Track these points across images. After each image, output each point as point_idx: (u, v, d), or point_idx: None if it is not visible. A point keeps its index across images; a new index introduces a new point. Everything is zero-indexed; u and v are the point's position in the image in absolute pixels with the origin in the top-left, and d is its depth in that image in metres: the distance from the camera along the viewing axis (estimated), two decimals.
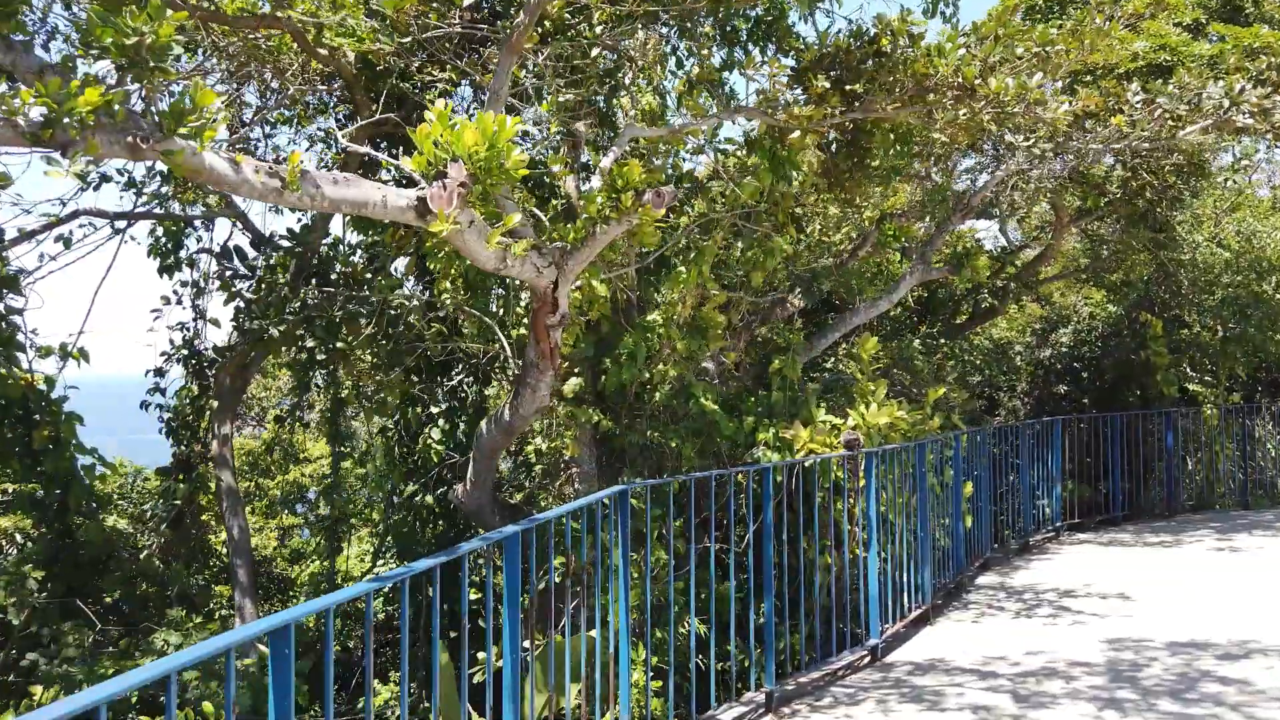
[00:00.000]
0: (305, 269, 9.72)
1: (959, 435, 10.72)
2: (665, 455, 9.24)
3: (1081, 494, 14.50)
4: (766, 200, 9.33)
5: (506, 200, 7.00)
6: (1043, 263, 15.24)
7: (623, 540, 6.32)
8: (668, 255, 9.73)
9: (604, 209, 6.69)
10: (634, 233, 7.07)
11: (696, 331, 9.10)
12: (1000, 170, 12.29)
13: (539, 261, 6.92)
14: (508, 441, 8.71)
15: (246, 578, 9.41)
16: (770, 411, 9.66)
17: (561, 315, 7.52)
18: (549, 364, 7.89)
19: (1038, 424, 13.63)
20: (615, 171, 6.64)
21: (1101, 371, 16.77)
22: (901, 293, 12.13)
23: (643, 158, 9.38)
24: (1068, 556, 12.32)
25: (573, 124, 9.31)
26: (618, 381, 8.83)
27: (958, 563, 10.76)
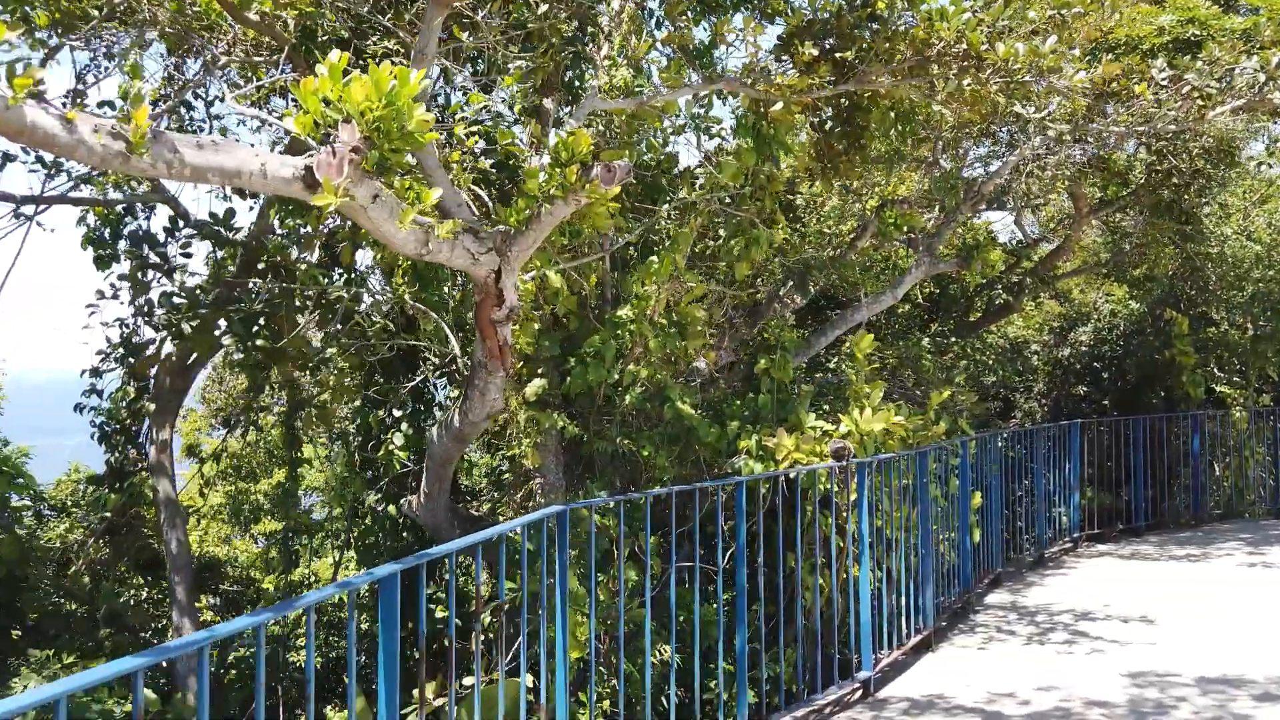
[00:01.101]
0: (254, 260, 8.82)
1: (966, 441, 9.71)
2: (639, 465, 8.29)
3: (1101, 502, 13.44)
4: (751, 184, 8.35)
5: (438, 173, 6.05)
6: (1060, 256, 14.18)
7: (560, 570, 5.36)
8: (649, 245, 8.78)
9: (547, 186, 5.73)
10: (584, 215, 6.11)
11: (673, 328, 8.13)
12: (1014, 156, 11.26)
13: (475, 247, 5.98)
14: (459, 449, 7.77)
15: (185, 595, 8.52)
16: (757, 417, 8.69)
17: (509, 309, 6.58)
18: (498, 364, 6.94)
19: (1054, 427, 12.59)
20: (560, 143, 5.69)
21: (1123, 372, 15.68)
22: (907, 287, 11.14)
23: (618, 138, 8.43)
24: (1086, 571, 11.28)
25: (540, 99, 8.36)
26: (583, 383, 7.88)
27: (964, 580, 9.75)
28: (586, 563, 8.12)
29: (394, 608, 3.78)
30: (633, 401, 7.93)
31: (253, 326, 7.86)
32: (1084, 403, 16.05)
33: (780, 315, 11.86)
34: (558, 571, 5.32)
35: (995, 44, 7.32)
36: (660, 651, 7.76)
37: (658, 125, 8.41)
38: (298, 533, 10.54)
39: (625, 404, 7.97)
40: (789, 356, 9.27)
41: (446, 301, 8.04)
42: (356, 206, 4.82)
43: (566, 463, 8.56)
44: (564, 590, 5.28)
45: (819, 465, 7.52)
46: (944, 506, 9.19)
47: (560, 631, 5.29)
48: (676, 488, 6.44)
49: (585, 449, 8.16)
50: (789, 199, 10.87)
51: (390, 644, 3.75)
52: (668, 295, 7.96)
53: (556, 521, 5.35)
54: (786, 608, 8.22)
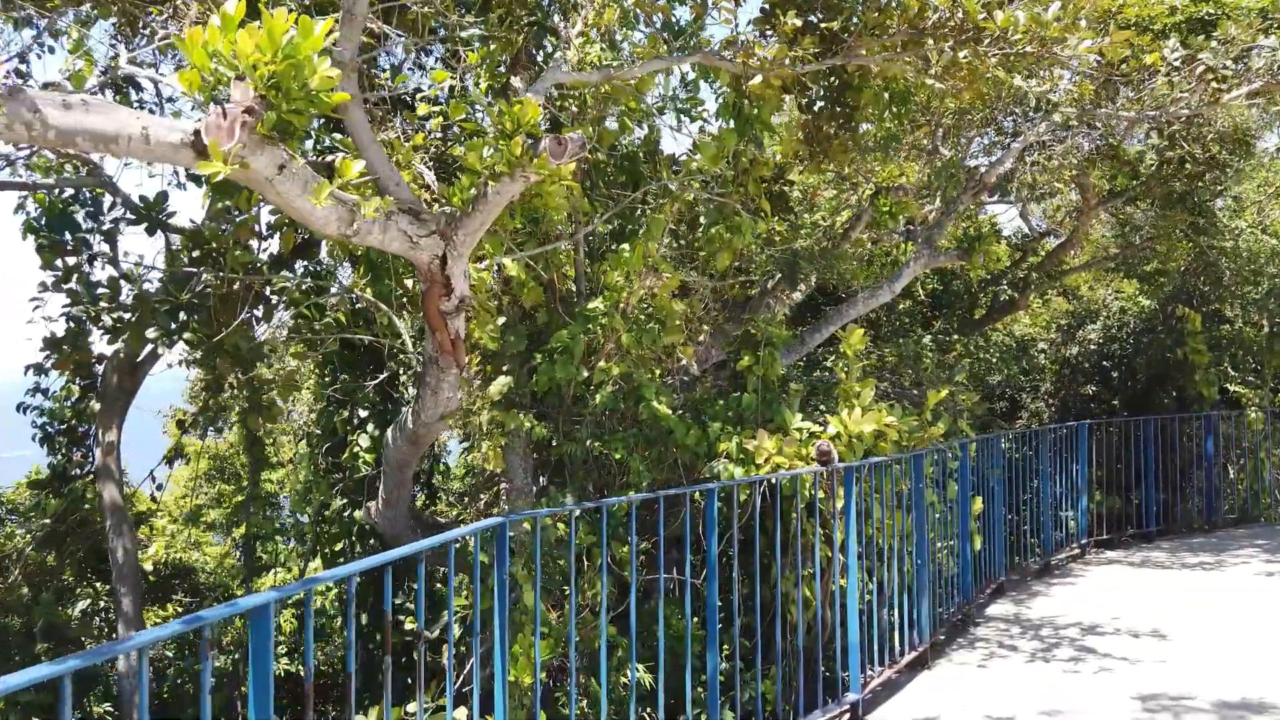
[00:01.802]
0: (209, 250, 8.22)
1: (966, 443, 9.07)
2: (613, 469, 7.67)
3: (1111, 506, 12.75)
4: (734, 168, 7.72)
5: (371, 148, 5.45)
6: (1067, 251, 13.50)
7: (499, 588, 4.74)
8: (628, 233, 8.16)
9: (492, 162, 5.12)
10: (536, 195, 5.50)
11: (649, 322, 7.51)
12: (1018, 142, 10.60)
13: (414, 230, 5.37)
14: (416, 453, 7.16)
15: (132, 606, 7.94)
16: (741, 418, 8.06)
17: (460, 299, 5.97)
18: (451, 359, 6.33)
19: (1061, 428, 11.92)
20: (505, 112, 5.08)
21: (1133, 371, 14.99)
22: (905, 281, 10.48)
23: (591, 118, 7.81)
24: (1094, 579, 10.61)
25: (508, 77, 7.76)
26: (549, 381, 7.26)
27: (964, 591, 9.10)
28: (557, 576, 7.53)
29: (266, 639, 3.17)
30: (604, 401, 7.31)
31: (177, 319, 7.27)
32: (1093, 403, 15.36)
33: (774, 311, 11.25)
34: (495, 589, 4.70)
35: (994, 13, 6.67)
36: (633, 671, 7.14)
37: (633, 105, 7.78)
38: (261, 539, 9.97)
39: (596, 404, 7.34)
40: (777, 354, 8.64)
41: (407, 293, 7.42)
42: (258, 178, 4.21)
43: (536, 466, 7.95)
44: (503, 613, 4.65)
45: (802, 470, 6.88)
46: (942, 513, 8.56)
47: (499, 659, 4.67)
48: (639, 495, 5.84)
49: (554, 452, 7.54)
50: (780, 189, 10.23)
51: (261, 686, 3.14)
52: (643, 287, 7.34)
53: (495, 535, 4.73)
54: (771, 623, 7.60)
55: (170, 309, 7.21)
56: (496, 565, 4.69)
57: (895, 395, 10.58)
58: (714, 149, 7.28)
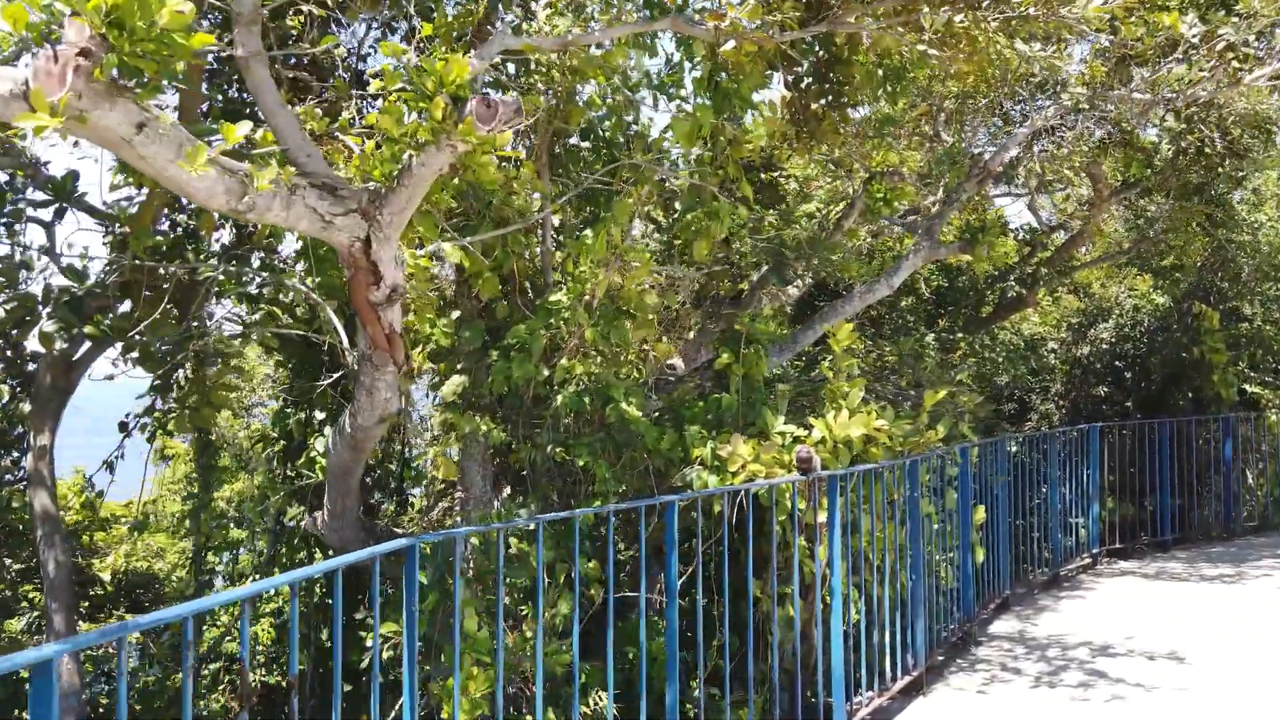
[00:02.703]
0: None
1: (967, 448, 8.33)
2: (579, 476, 6.97)
3: (1124, 513, 11.99)
4: (711, 148, 7.01)
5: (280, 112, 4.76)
6: (1078, 245, 12.74)
7: (408, 622, 4.04)
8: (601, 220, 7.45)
9: (410, 129, 4.42)
10: (465, 167, 4.80)
11: (617, 316, 6.81)
12: (1025, 127, 9.86)
13: (327, 207, 4.67)
14: (357, 459, 6.47)
15: (64, 624, 7.27)
16: (720, 420, 7.35)
17: (391, 289, 5.28)
18: (387, 356, 5.64)
19: (1071, 431, 11.15)
20: (427, 70, 4.38)
21: (1148, 371, 14.19)
22: (903, 275, 9.73)
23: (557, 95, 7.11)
24: (1106, 593, 9.85)
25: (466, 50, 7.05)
26: (505, 381, 6.56)
27: (966, 607, 8.36)
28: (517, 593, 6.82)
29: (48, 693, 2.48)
30: (566, 402, 6.60)
31: (80, 310, 6.59)
32: (1105, 404, 14.57)
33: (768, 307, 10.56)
34: (405, 624, 3.99)
35: None
36: (596, 699, 6.44)
37: (602, 80, 7.07)
38: (214, 550, 9.32)
39: (558, 405, 6.64)
40: (762, 351, 7.93)
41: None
42: (111, 137, 3.52)
43: (496, 474, 7.25)
44: (411, 648, 3.95)
45: (780, 479, 6.16)
46: (940, 524, 7.83)
47: (406, 701, 3.97)
48: (582, 510, 5.14)
49: (513, 458, 6.85)
50: (772, 178, 9.51)
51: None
52: (610, 278, 6.63)
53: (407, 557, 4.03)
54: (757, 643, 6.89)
55: (71, 301, 6.54)
56: (405, 597, 3.99)
57: (894, 397, 9.84)
58: (688, 127, 6.57)
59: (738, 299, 9.84)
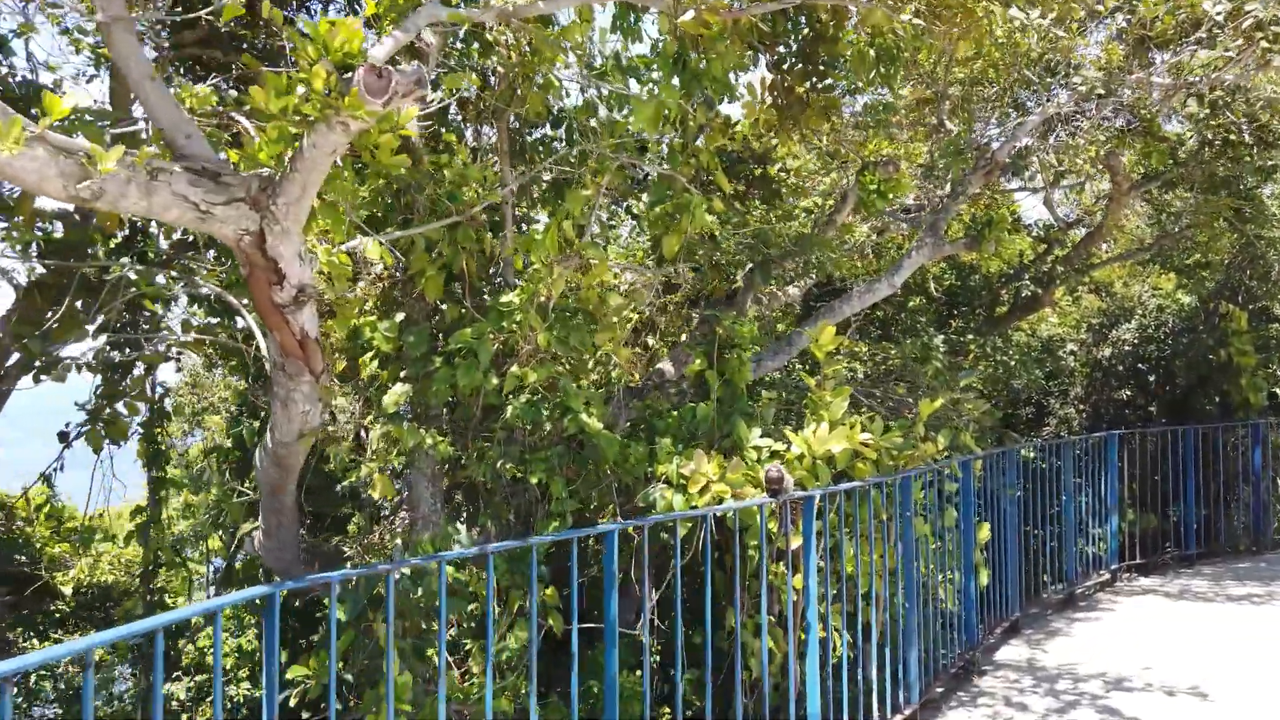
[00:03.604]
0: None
1: (969, 461, 7.60)
2: (537, 494, 6.31)
3: (1145, 525, 11.19)
4: (681, 134, 6.33)
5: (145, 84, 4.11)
6: (1096, 241, 11.93)
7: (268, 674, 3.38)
8: None
9: (286, 103, 3.77)
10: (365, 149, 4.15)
11: (576, 318, 6.14)
12: (1035, 114, 9.11)
13: (205, 195, 4.03)
14: (285, 476, 5.82)
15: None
16: (696, 432, 6.67)
17: (298, 289, 4.63)
18: (301, 364, 4.99)
19: (1087, 439, 10.37)
20: (312, 34, 3.73)
21: (1172, 375, 13.36)
22: (905, 274, 9.01)
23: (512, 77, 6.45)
24: (1124, 614, 9.08)
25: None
26: (450, 389, 5.90)
27: (969, 633, 7.64)
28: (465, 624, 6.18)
29: None
30: (517, 414, 5.93)
31: None
32: (1127, 409, 13.77)
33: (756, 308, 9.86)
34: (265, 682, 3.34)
35: None
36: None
37: (560, 61, 6.40)
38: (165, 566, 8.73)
39: (508, 417, 5.98)
40: (745, 356, 7.25)
41: None
42: None
43: (449, 491, 6.60)
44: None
45: (749, 501, 5.47)
46: (935, 545, 7.11)
47: None
48: (526, 540, 4.48)
49: (461, 474, 6.19)
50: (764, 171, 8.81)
51: None
52: (562, 275, 5.95)
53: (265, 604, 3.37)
54: (725, 681, 6.21)
55: None
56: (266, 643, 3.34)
57: (895, 405, 9.11)
58: (652, 109, 5.88)
59: (732, 299, 9.17)
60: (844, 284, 10.55)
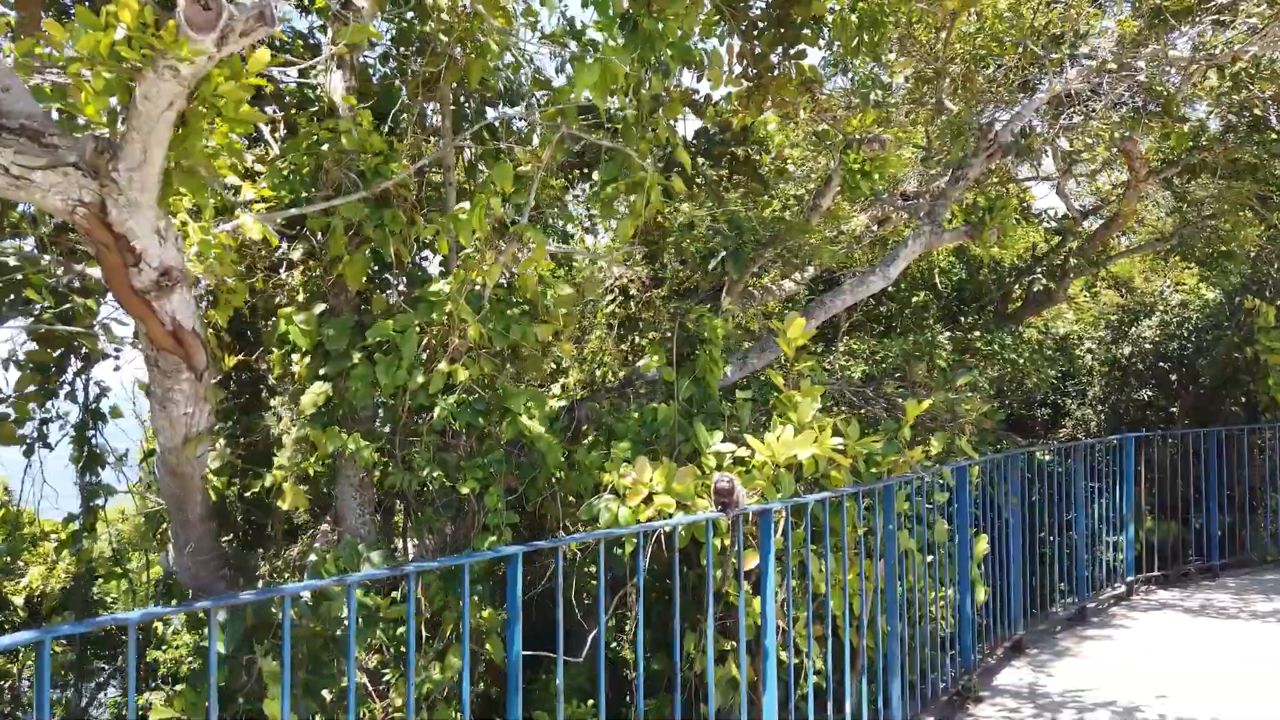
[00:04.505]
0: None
1: (964, 467, 6.86)
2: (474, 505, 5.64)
3: (1164, 533, 10.38)
4: (634, 103, 5.63)
5: None
6: (1113, 231, 11.13)
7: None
8: None
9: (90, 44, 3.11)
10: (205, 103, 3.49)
11: (514, 309, 5.46)
12: (1043, 91, 8.35)
13: (15, 158, 3.38)
14: (185, 487, 5.19)
15: None
16: (655, 437, 5.97)
17: (160, 272, 3.98)
18: (178, 359, 4.35)
19: (1101, 442, 9.58)
20: None
21: (1195, 374, 12.53)
22: (902, 265, 8.29)
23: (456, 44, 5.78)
24: (1139, 631, 8.29)
25: None
26: (368, 388, 5.24)
27: (964, 655, 6.91)
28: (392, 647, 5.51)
29: None
30: (444, 414, 5.26)
31: None
32: (1148, 410, 12.96)
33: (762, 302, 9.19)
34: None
35: None
36: None
37: (504, 23, 5.72)
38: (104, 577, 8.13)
39: (435, 419, 5.31)
40: (717, 354, 6.55)
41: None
42: None
43: (386, 502, 5.93)
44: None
45: (698, 515, 4.77)
46: (930, 559, 6.38)
47: None
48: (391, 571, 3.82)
49: (386, 482, 5.52)
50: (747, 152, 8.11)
51: None
52: (495, 260, 5.27)
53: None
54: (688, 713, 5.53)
55: None
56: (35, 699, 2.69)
57: (890, 408, 8.37)
58: (597, 74, 5.18)
59: (719, 293, 8.48)
60: (840, 276, 9.85)
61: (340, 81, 5.78)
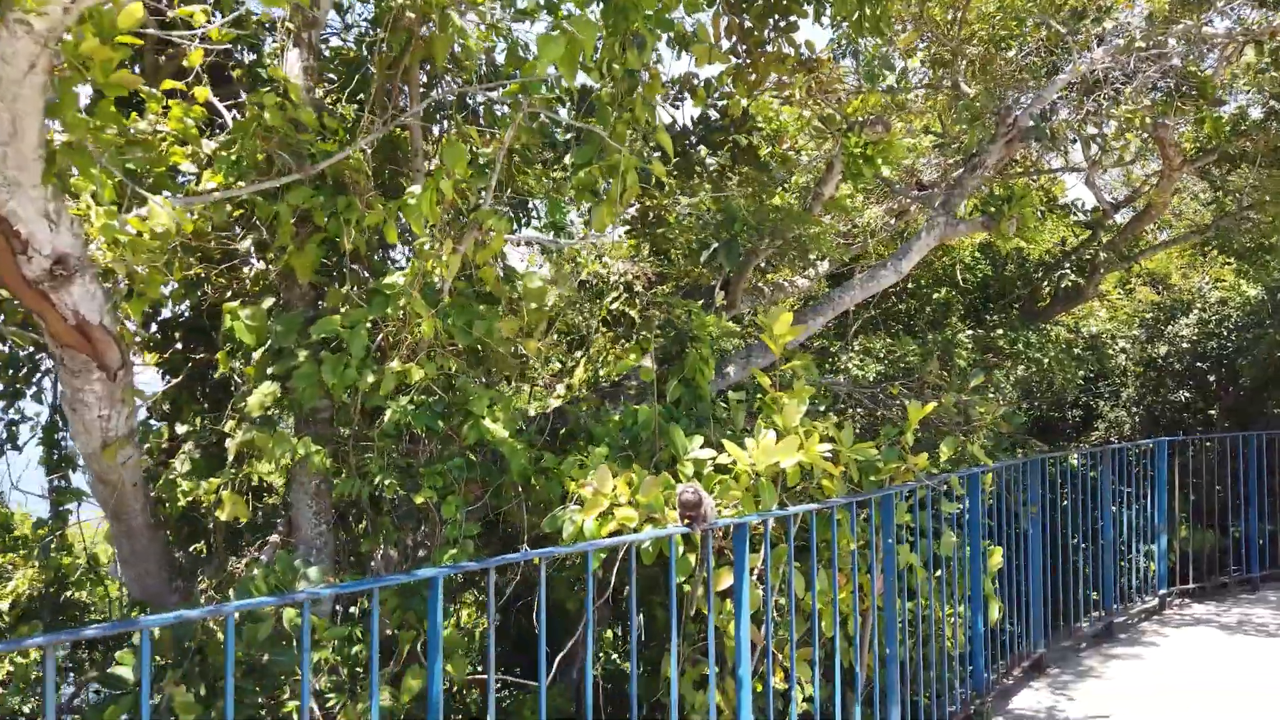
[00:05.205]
0: None
1: (975, 474, 6.34)
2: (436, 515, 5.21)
3: (1200, 543, 9.77)
4: (608, 79, 5.18)
5: None
6: (1145, 223, 10.52)
7: None
8: None
9: None
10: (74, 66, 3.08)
11: (475, 303, 5.03)
12: (1066, 72, 7.80)
13: None
14: (117, 496, 4.79)
15: None
16: (634, 442, 5.51)
17: (54, 260, 3.58)
18: (87, 359, 3.94)
19: (1131, 446, 8.99)
20: None
21: (1235, 374, 11.87)
22: (915, 258, 7.76)
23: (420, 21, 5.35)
24: (1170, 650, 7.72)
25: None
26: (315, 388, 4.82)
27: (975, 677, 6.39)
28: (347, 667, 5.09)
29: None
30: (397, 417, 4.83)
31: None
32: (1185, 412, 12.31)
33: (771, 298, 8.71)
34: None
35: None
36: None
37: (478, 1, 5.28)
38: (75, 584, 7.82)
39: (387, 422, 4.88)
40: (707, 353, 6.08)
41: None
42: None
43: (343, 510, 5.52)
44: None
45: (666, 530, 4.30)
46: (939, 573, 5.87)
47: None
48: (330, 590, 3.40)
49: (335, 491, 5.10)
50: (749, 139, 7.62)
51: None
52: (464, 251, 4.83)
53: None
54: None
55: None
56: None
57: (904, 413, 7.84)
58: (562, 47, 4.71)
59: (724, 289, 8.01)
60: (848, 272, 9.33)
61: (297, 60, 5.37)
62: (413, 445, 5.23)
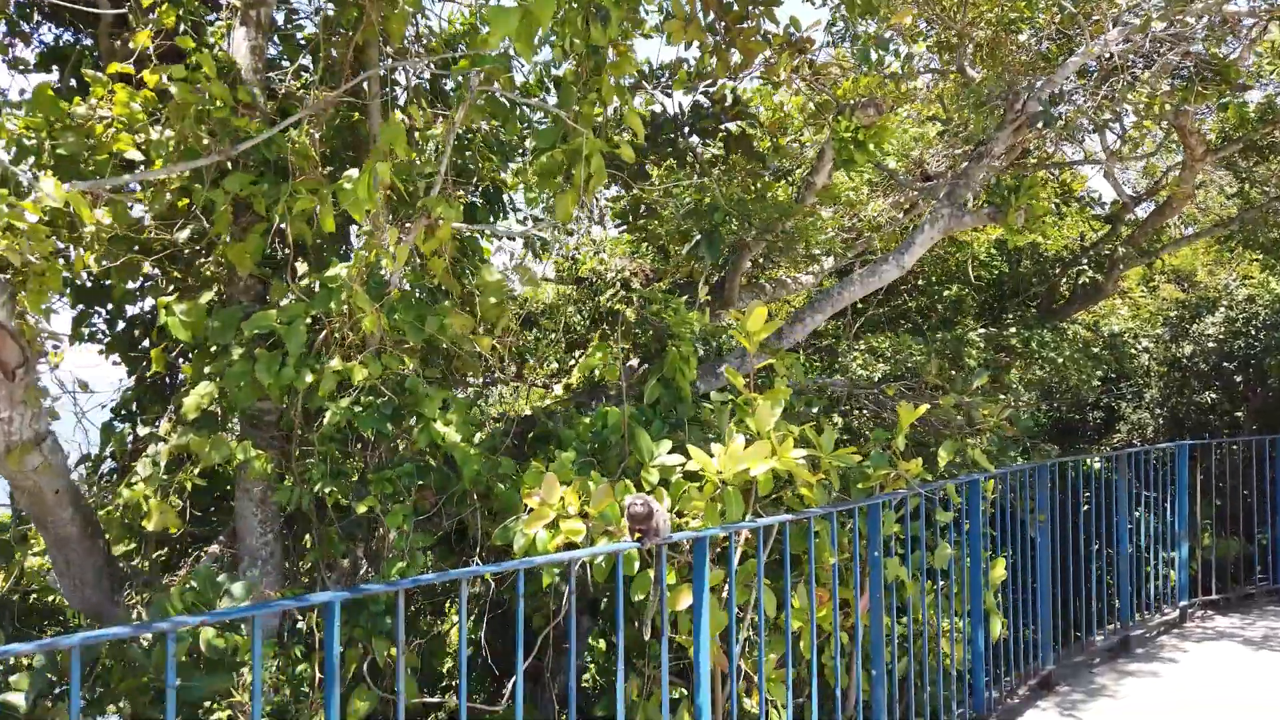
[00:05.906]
0: None
1: (976, 481, 5.90)
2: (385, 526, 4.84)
3: (1224, 552, 9.27)
4: (573, 58, 4.80)
5: None
6: (1166, 216, 10.01)
7: None
8: None
9: None
10: None
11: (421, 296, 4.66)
12: (1078, 55, 7.34)
13: None
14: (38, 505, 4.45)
15: None
16: (604, 446, 5.13)
17: None
18: None
19: (1150, 450, 8.51)
20: None
21: (1264, 374, 11.32)
22: (918, 252, 7.34)
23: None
24: (1190, 667, 7.24)
25: None
26: (247, 389, 4.46)
27: (977, 697, 5.95)
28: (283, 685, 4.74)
29: None
30: (339, 419, 4.47)
31: None
32: (1210, 414, 11.76)
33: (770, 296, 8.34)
34: None
35: None
36: None
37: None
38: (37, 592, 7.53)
39: (327, 425, 4.52)
40: (688, 351, 5.69)
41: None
42: None
43: (291, 519, 5.17)
44: None
45: (617, 545, 3.91)
46: (936, 588, 5.46)
47: None
48: (287, 602, 3.05)
49: (274, 498, 4.74)
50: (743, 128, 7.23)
51: None
52: (411, 241, 4.46)
53: None
54: None
55: None
56: None
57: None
58: (516, 20, 4.33)
59: (722, 286, 7.62)
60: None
61: (244, 39, 5.03)
62: (363, 450, 4.87)
